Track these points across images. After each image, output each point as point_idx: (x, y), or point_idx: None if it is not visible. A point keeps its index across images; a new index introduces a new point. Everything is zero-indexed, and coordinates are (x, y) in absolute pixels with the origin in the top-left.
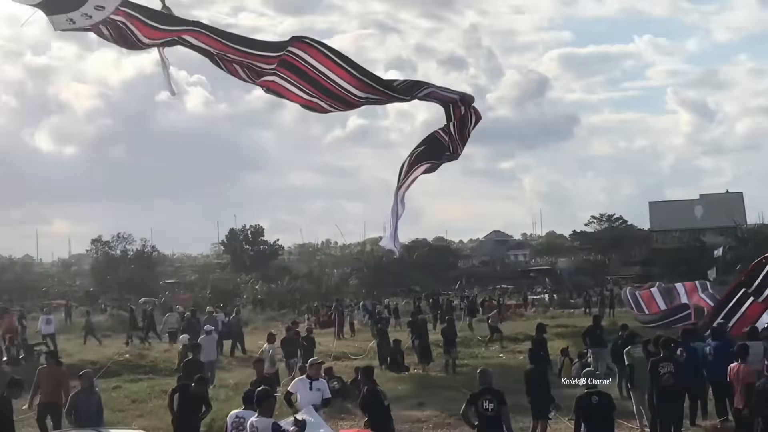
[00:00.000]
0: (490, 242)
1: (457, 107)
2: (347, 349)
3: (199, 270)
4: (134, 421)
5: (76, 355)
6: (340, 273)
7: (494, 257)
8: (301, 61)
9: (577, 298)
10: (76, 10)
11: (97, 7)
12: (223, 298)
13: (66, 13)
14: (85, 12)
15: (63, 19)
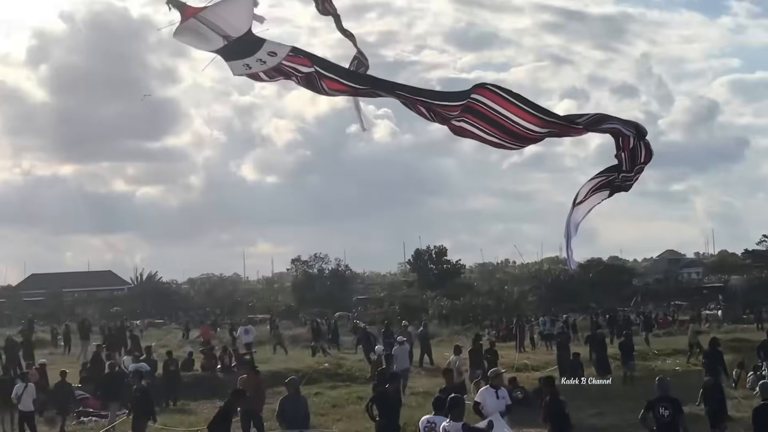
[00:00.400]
0: (664, 261)
1: (626, 138)
2: (528, 361)
3: (387, 287)
4: (334, 424)
5: (280, 364)
6: (519, 290)
7: (668, 275)
8: (484, 106)
9: (749, 314)
10: (251, 56)
11: (270, 53)
12: (411, 313)
13: (243, 59)
14: (260, 58)
15: (240, 65)
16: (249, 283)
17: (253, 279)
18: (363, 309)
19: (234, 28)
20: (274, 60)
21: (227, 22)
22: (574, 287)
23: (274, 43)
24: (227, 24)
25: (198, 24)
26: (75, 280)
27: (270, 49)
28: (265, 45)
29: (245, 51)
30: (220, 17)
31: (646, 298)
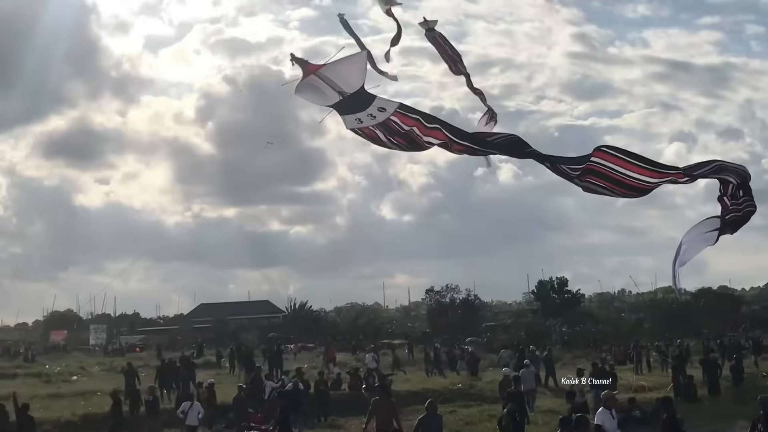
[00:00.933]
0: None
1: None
2: (645, 383)
3: (513, 315)
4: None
5: (418, 384)
6: (634, 317)
7: None
8: (604, 167)
9: None
10: (363, 111)
11: (380, 108)
12: (535, 338)
13: (355, 114)
14: (371, 113)
15: (353, 119)
16: (388, 311)
17: (392, 307)
18: (491, 335)
19: (349, 84)
20: (383, 115)
21: (343, 79)
22: (686, 315)
23: (384, 100)
24: (343, 80)
25: (317, 80)
26: (237, 308)
27: (380, 105)
28: (375, 101)
29: (358, 106)
30: (336, 74)
31: (755, 324)
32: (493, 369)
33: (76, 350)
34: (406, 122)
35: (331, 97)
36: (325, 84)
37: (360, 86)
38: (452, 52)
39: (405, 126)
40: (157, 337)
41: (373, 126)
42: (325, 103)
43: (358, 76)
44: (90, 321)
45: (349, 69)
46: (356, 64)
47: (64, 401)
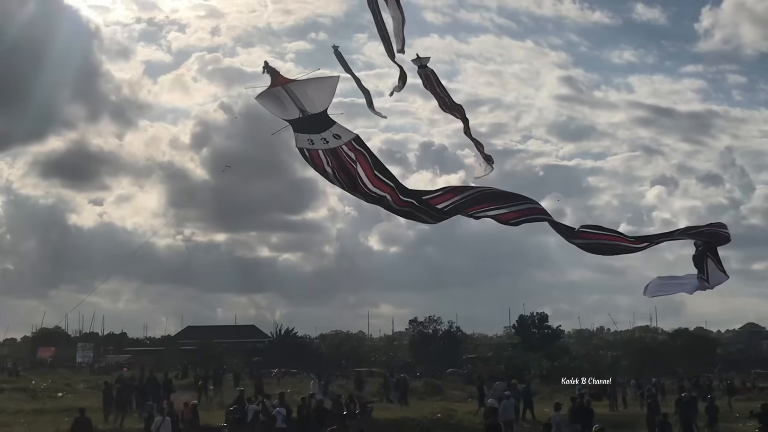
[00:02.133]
0: (745, 332)
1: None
2: (620, 420)
3: (494, 348)
4: None
5: (398, 413)
6: (612, 355)
7: (748, 345)
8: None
9: None
10: (318, 133)
11: (335, 135)
12: (515, 372)
13: (309, 134)
14: (324, 137)
15: (305, 139)
16: (372, 339)
17: (376, 336)
18: (472, 367)
19: (312, 104)
20: (337, 142)
21: (308, 98)
22: (662, 354)
23: (342, 128)
24: (308, 100)
25: (282, 93)
26: (224, 332)
27: (337, 131)
28: (333, 127)
29: (314, 128)
30: (303, 92)
31: (729, 365)
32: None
33: (62, 367)
34: (358, 158)
35: (290, 112)
36: (289, 98)
37: (323, 109)
38: (441, 90)
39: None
40: (143, 357)
41: (323, 151)
42: (283, 116)
43: (324, 99)
44: (77, 339)
45: (318, 90)
46: (326, 87)
47: (49, 417)
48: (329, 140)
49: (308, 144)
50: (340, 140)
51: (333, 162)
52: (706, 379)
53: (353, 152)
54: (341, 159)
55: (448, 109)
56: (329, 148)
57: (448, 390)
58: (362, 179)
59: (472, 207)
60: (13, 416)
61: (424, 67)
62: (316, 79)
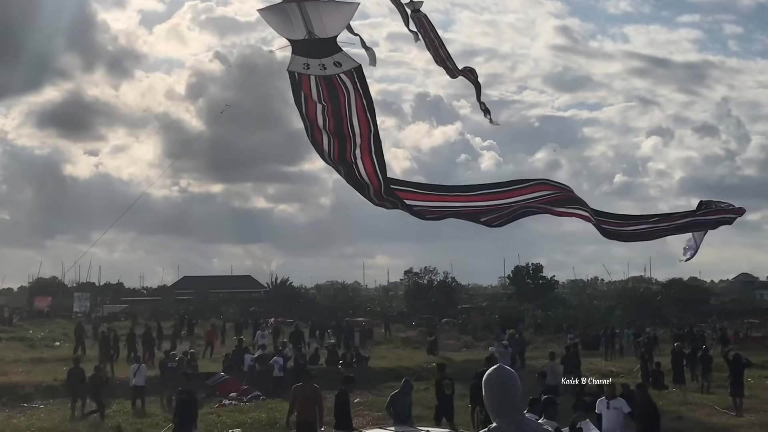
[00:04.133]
0: (739, 283)
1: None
2: (614, 369)
3: (488, 298)
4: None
5: (394, 361)
6: (606, 305)
7: (742, 296)
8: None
9: None
10: (317, 58)
11: (336, 63)
12: (509, 321)
13: (307, 58)
14: (323, 63)
15: (301, 62)
16: (368, 290)
17: (372, 287)
18: (467, 316)
19: (323, 28)
20: (335, 70)
21: (320, 20)
22: (656, 304)
23: (347, 56)
24: (319, 21)
25: (294, 10)
26: (220, 282)
27: (339, 59)
28: (337, 54)
29: (315, 52)
30: (317, 12)
31: (722, 315)
32: (466, 349)
33: (59, 317)
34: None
35: (297, 31)
36: (300, 17)
37: (333, 35)
38: (435, 36)
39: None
40: (140, 307)
41: (316, 77)
42: (287, 35)
43: (337, 24)
44: (74, 289)
45: (333, 13)
46: (342, 12)
47: (47, 366)
48: (327, 66)
49: (303, 68)
50: (340, 68)
51: (324, 90)
52: (699, 329)
53: (350, 81)
54: (334, 86)
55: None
56: (324, 75)
57: (444, 340)
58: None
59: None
60: (11, 365)
61: (417, 11)
62: (333, 2)
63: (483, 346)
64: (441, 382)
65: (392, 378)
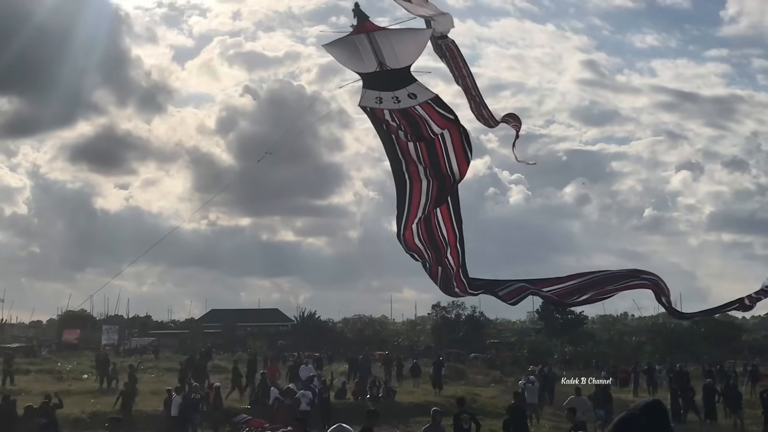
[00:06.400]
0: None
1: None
2: None
3: (517, 333)
4: None
5: (421, 396)
6: (636, 340)
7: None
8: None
9: None
10: (390, 90)
11: (411, 95)
12: (538, 356)
13: (379, 91)
14: (397, 96)
15: (373, 97)
16: (395, 324)
17: (399, 321)
18: (495, 352)
19: (395, 58)
20: (410, 102)
21: (392, 51)
22: (687, 339)
23: (421, 86)
24: (391, 52)
25: (363, 42)
26: (247, 315)
27: (414, 90)
28: (412, 86)
29: (388, 84)
30: (388, 43)
31: (754, 352)
32: (495, 385)
33: (87, 349)
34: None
35: (368, 65)
36: (370, 49)
37: (407, 65)
38: (462, 64)
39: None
40: (168, 340)
41: (390, 111)
42: (357, 69)
43: (410, 53)
44: (103, 321)
45: (407, 42)
46: (417, 40)
47: (75, 398)
48: (402, 99)
49: (375, 103)
50: (415, 100)
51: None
52: (730, 366)
53: (428, 112)
54: (413, 118)
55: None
56: (398, 108)
57: (472, 375)
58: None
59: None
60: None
61: (444, 38)
62: (409, 30)
63: (512, 382)
64: (459, 416)
65: (420, 413)
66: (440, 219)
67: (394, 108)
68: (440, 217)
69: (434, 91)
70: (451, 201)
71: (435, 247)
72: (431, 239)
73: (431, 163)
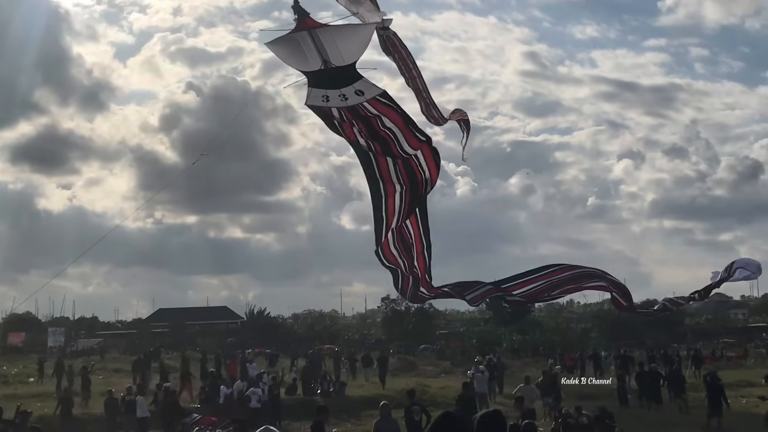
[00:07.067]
0: (713, 303)
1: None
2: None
3: (466, 323)
4: None
5: (373, 390)
6: (582, 327)
7: (716, 315)
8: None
9: None
10: (337, 88)
11: (358, 91)
12: (486, 346)
13: (325, 89)
14: (344, 93)
15: (319, 95)
16: (345, 318)
17: (349, 315)
18: (444, 342)
19: (340, 56)
20: (358, 99)
21: (336, 48)
22: (631, 325)
23: (368, 83)
24: (335, 50)
25: (306, 40)
26: (196, 314)
27: (361, 87)
28: (358, 83)
29: (334, 82)
30: (332, 40)
31: (697, 336)
32: (445, 375)
33: (33, 352)
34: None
35: (311, 63)
36: (313, 47)
37: (352, 61)
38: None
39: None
40: (115, 341)
41: (339, 109)
42: (300, 67)
43: (356, 50)
44: (48, 323)
45: (351, 39)
46: (359, 37)
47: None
48: (349, 96)
49: (322, 101)
50: (362, 96)
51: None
52: (674, 350)
53: (377, 107)
54: (363, 116)
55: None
56: (347, 106)
57: (422, 366)
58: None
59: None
60: None
61: (386, 29)
62: (352, 26)
63: (461, 372)
64: (410, 408)
65: (371, 407)
66: (410, 227)
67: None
68: (410, 225)
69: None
70: (420, 211)
71: (409, 254)
72: (405, 246)
73: (406, 173)
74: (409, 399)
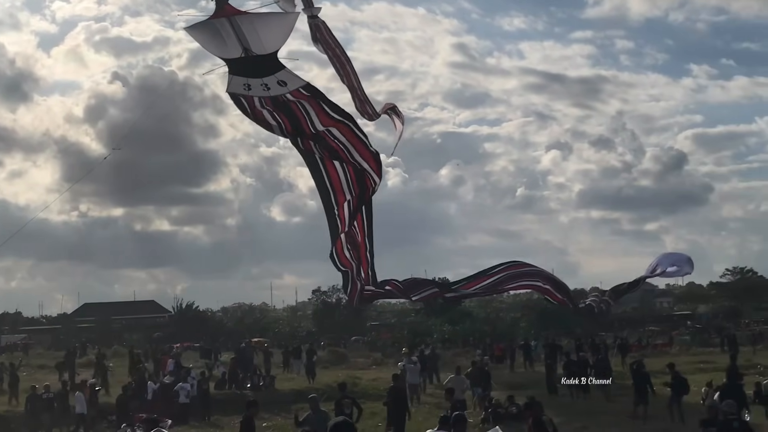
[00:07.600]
0: (639, 291)
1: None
2: (519, 380)
3: (397, 314)
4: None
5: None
6: (511, 317)
7: (642, 304)
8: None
9: (715, 338)
10: (258, 77)
11: (280, 82)
12: (417, 337)
13: (247, 78)
14: (266, 83)
15: (240, 83)
16: (276, 311)
17: (280, 307)
18: (376, 334)
19: (261, 44)
20: (281, 90)
21: (257, 36)
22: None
23: (291, 73)
24: (255, 38)
25: (225, 26)
26: (122, 308)
27: (283, 78)
28: (280, 72)
29: (256, 71)
30: (252, 28)
31: (624, 324)
32: (376, 367)
33: None
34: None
35: (231, 50)
36: (233, 34)
37: (273, 50)
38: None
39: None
40: (40, 336)
41: (260, 99)
42: (220, 54)
43: (278, 39)
44: None
45: (271, 28)
46: (281, 25)
47: None
48: (271, 86)
49: (243, 89)
50: (285, 87)
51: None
52: (601, 339)
53: (300, 98)
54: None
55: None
56: (269, 96)
57: (353, 358)
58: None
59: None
60: None
61: (314, 17)
62: (274, 15)
63: (392, 363)
64: (341, 401)
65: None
66: (356, 225)
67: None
68: (356, 224)
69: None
70: (365, 213)
71: (357, 253)
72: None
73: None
74: (340, 392)
